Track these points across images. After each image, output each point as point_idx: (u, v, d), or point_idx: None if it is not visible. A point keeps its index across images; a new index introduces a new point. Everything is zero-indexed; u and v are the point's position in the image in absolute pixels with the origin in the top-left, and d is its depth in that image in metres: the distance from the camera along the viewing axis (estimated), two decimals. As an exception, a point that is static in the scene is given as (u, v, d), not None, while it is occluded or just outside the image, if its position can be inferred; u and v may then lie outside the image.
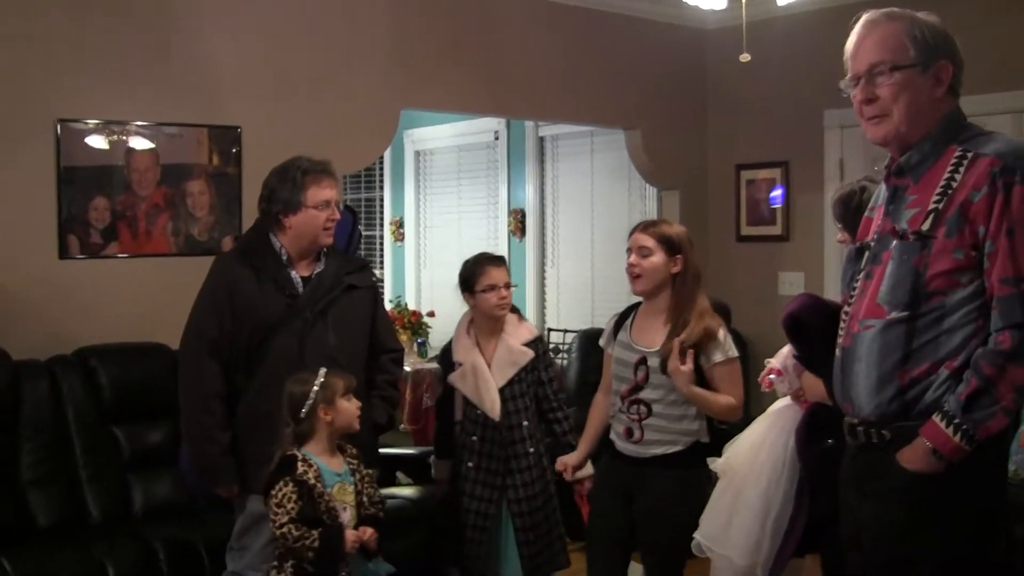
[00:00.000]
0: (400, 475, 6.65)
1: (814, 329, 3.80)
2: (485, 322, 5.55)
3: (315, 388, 4.44)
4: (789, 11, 7.50)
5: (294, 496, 4.31)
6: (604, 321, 5.34)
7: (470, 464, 5.50)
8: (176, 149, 6.37)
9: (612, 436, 4.96)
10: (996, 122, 6.57)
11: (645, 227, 4.92)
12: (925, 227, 3.21)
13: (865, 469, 3.42)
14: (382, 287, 11.26)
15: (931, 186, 3.25)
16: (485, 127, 10.53)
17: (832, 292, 7.97)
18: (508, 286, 5.53)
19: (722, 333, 4.83)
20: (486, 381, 5.44)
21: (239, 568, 4.86)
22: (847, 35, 3.53)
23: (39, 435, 5.54)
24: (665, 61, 8.72)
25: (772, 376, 4.53)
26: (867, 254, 3.43)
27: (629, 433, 4.83)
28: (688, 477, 4.81)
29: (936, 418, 3.16)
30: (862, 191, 4.21)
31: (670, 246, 4.82)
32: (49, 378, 5.67)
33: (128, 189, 6.21)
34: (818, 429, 4.21)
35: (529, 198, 10.27)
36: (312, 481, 4.35)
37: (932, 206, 3.22)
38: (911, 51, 3.31)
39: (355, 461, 4.61)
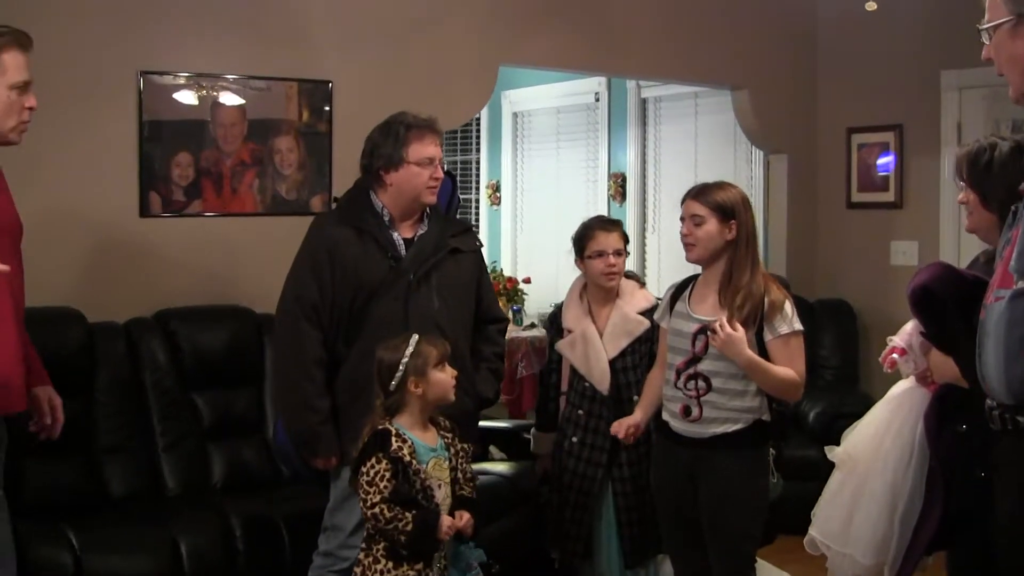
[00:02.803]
0: (493, 449, 6.36)
1: (947, 303, 3.47)
2: (598, 288, 5.29)
3: (405, 358, 4.18)
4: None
5: (388, 474, 4.05)
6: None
7: (574, 439, 5.26)
8: (264, 104, 6.15)
9: (666, 417, 4.68)
10: None
11: (697, 194, 4.68)
12: None
13: (1004, 458, 3.08)
14: (482, 252, 10.96)
15: None
16: (585, 88, 10.27)
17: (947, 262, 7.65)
18: (619, 253, 5.27)
19: (789, 304, 4.57)
20: (597, 350, 5.19)
21: (331, 548, 4.62)
22: None
23: (115, 401, 5.39)
24: (774, 18, 8.38)
25: (895, 356, 4.14)
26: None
27: (687, 411, 4.55)
28: (753, 457, 4.59)
29: None
30: (992, 148, 3.88)
31: (723, 212, 4.56)
32: (127, 341, 5.51)
33: (213, 145, 6.02)
34: (950, 413, 3.86)
35: (630, 162, 9.99)
36: (408, 458, 4.08)
37: None
38: None
39: (449, 434, 4.35)
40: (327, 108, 6.32)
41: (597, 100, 10.23)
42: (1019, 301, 2.90)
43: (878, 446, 4.12)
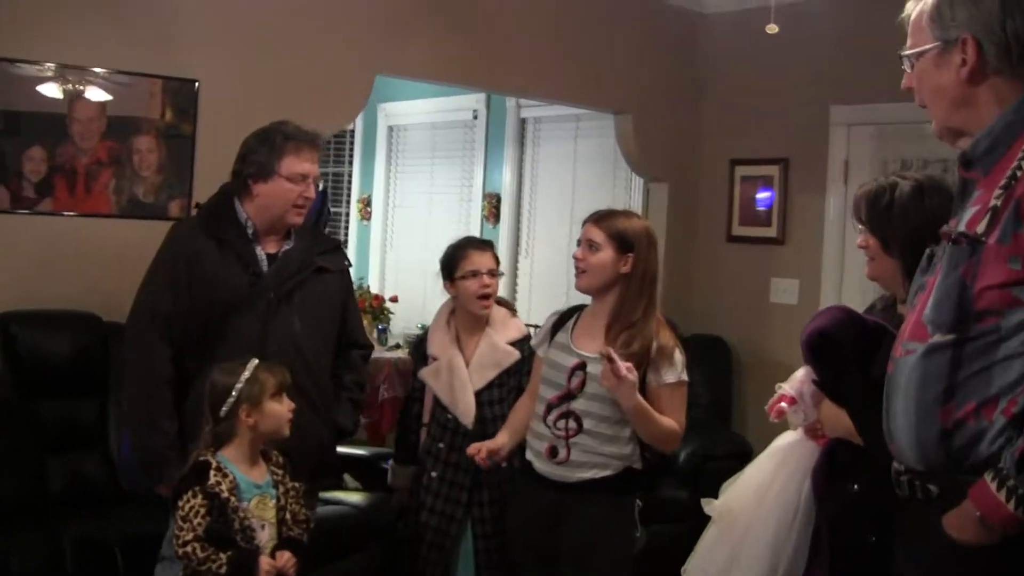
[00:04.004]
0: (348, 478, 6.01)
1: (846, 351, 3.22)
2: (467, 314, 5.00)
3: (240, 383, 3.86)
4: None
5: (203, 510, 3.73)
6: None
7: (434, 474, 4.95)
8: (125, 100, 5.73)
9: (530, 456, 4.40)
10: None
11: (598, 219, 4.39)
12: (980, 229, 2.59)
13: (910, 528, 2.80)
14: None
15: (998, 179, 2.63)
16: (464, 105, 10.02)
17: (827, 303, 7.48)
18: (493, 274, 4.97)
19: (679, 352, 4.31)
20: (462, 381, 4.89)
21: None
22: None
23: (-59, 407, 4.92)
24: (661, 43, 8.16)
25: (783, 404, 3.85)
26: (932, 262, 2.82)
27: (553, 452, 4.27)
28: (619, 505, 4.31)
29: (987, 477, 2.50)
30: (892, 188, 3.65)
31: (622, 242, 4.29)
32: (-40, 343, 5.06)
33: (69, 140, 5.58)
34: (840, 471, 3.59)
35: (506, 183, 9.74)
36: (225, 494, 3.76)
37: (992, 203, 2.59)
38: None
39: (280, 471, 4.02)
40: (192, 109, 5.94)
41: (475, 118, 9.99)
42: (934, 356, 2.61)
43: (760, 501, 3.83)
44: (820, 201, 7.69)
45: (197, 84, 5.93)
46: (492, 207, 9.76)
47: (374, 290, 10.08)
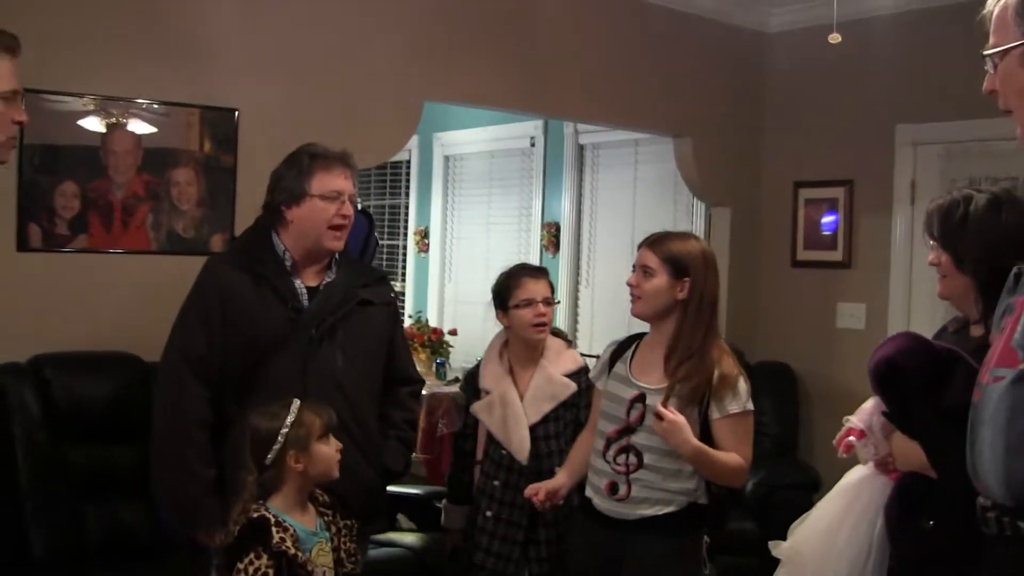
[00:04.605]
0: (402, 518, 5.80)
1: (916, 380, 3.01)
2: (521, 346, 4.81)
3: (285, 427, 3.63)
4: (861, 14, 6.80)
5: (271, 572, 3.47)
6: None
7: (488, 513, 4.75)
8: (162, 131, 5.54)
9: (589, 493, 4.17)
10: None
11: (653, 242, 4.18)
12: None
13: (998, 569, 2.57)
14: (402, 303, 10.47)
15: None
16: (521, 132, 9.84)
17: (895, 327, 7.25)
18: (549, 302, 4.79)
19: (743, 380, 4.08)
20: (516, 416, 4.70)
21: None
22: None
23: (-24, 455, 4.73)
24: (722, 64, 7.94)
25: (852, 439, 3.62)
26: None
27: (613, 488, 4.06)
28: (684, 545, 4.09)
29: None
30: (967, 202, 3.47)
31: (676, 267, 4.08)
32: (-5, 388, 4.88)
33: (103, 174, 5.38)
34: (913, 507, 3.36)
35: (565, 211, 9.55)
36: (292, 551, 3.52)
37: None
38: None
39: (329, 511, 3.80)
40: (232, 139, 5.75)
41: (533, 145, 9.81)
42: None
43: (831, 543, 3.60)
44: (886, 223, 7.48)
45: (237, 113, 5.75)
46: (551, 236, 9.59)
47: (433, 323, 9.95)
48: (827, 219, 7.84)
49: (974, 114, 6.73)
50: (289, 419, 3.64)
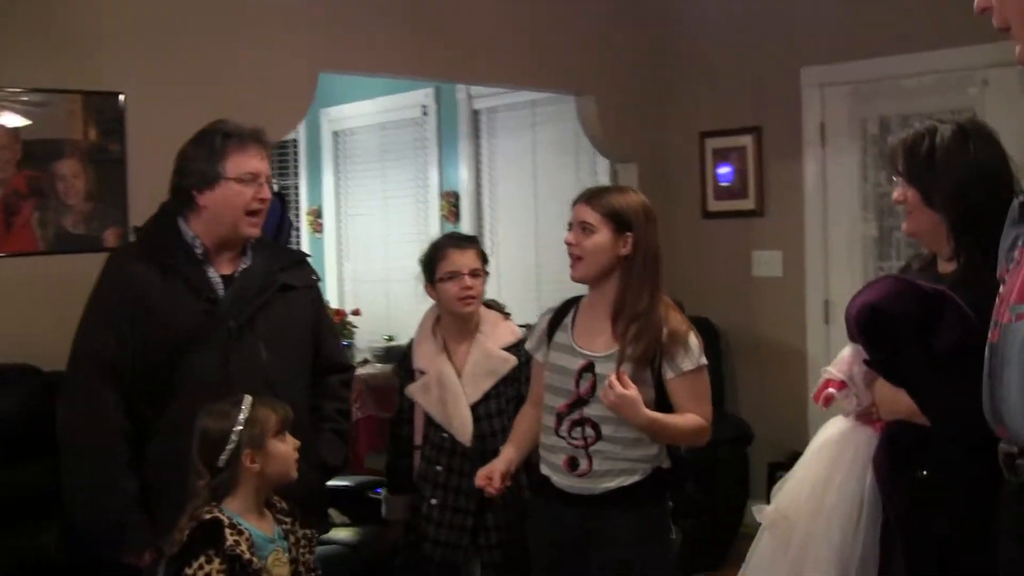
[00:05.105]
0: (333, 512, 5.50)
1: (904, 324, 2.86)
2: (453, 320, 4.55)
3: (239, 426, 3.38)
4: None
5: None
6: (543, 319, 4.32)
7: (433, 501, 4.49)
8: (41, 121, 5.15)
9: (546, 471, 3.97)
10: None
11: (589, 197, 3.97)
12: None
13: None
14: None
15: None
16: (412, 101, 9.58)
17: (813, 273, 7.12)
18: (476, 274, 4.51)
19: (693, 335, 3.89)
20: (455, 395, 4.44)
21: None
22: None
23: None
24: (622, 17, 7.72)
25: (832, 390, 3.44)
26: None
27: (572, 464, 3.87)
28: (653, 516, 3.93)
29: None
30: (932, 134, 3.30)
31: (619, 221, 3.87)
32: None
33: (-23, 174, 5.01)
34: (904, 457, 3.19)
35: (463, 179, 9.31)
36: (247, 555, 3.27)
37: None
38: None
39: (288, 519, 3.56)
40: (119, 126, 5.38)
41: (425, 114, 9.55)
42: None
43: (819, 503, 3.42)
44: (798, 168, 7.36)
45: (122, 97, 5.39)
46: (451, 206, 9.36)
47: (334, 305, 9.66)
48: (723, 170, 7.73)
49: (882, 51, 6.65)
50: (242, 417, 3.40)
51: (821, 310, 7.21)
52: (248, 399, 3.45)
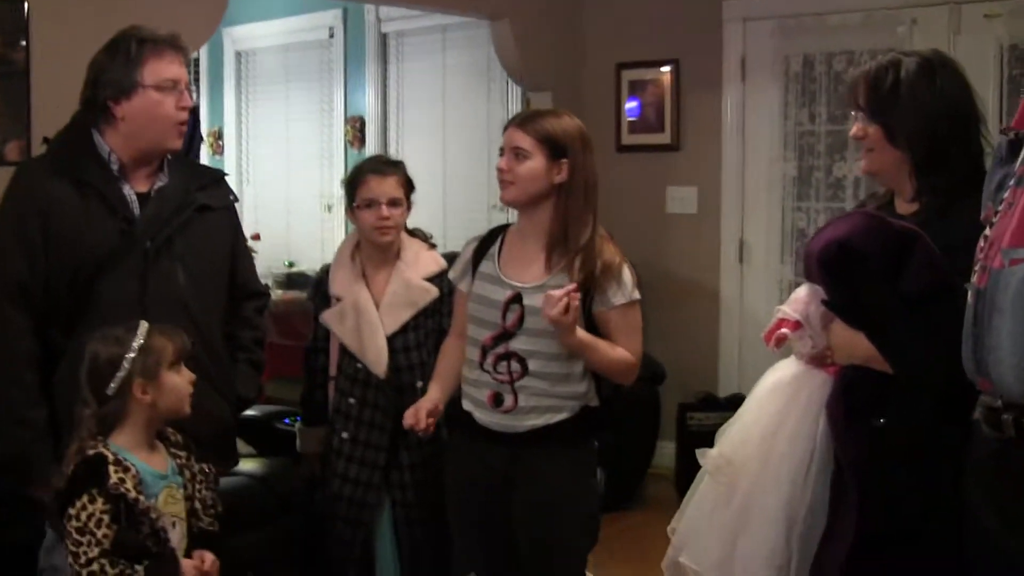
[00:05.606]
0: (240, 443, 5.30)
1: (873, 263, 2.76)
2: (373, 248, 4.32)
3: (131, 352, 3.16)
4: None
5: (106, 518, 3.03)
6: (459, 248, 4.13)
7: (345, 435, 4.30)
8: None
9: (468, 407, 3.79)
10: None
11: (522, 121, 3.75)
12: None
13: (1011, 480, 2.27)
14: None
15: None
16: (318, 23, 9.39)
17: (729, 209, 7.03)
18: (396, 203, 4.29)
19: (627, 268, 3.71)
20: (371, 325, 4.22)
21: None
22: None
23: None
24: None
25: (785, 330, 3.28)
26: None
27: (497, 400, 3.69)
28: (579, 454, 3.77)
29: None
30: (896, 67, 3.13)
31: (553, 147, 3.65)
32: None
33: None
34: (859, 403, 3.05)
35: (370, 104, 9.14)
36: (132, 493, 3.07)
37: None
38: None
39: (183, 453, 3.35)
40: (22, 35, 5.14)
41: (331, 36, 9.35)
42: None
43: (769, 448, 3.24)
44: (716, 102, 7.27)
45: (26, 5, 5.15)
46: (356, 131, 9.19)
47: (233, 230, 9.46)
48: (630, 104, 7.63)
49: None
50: (136, 344, 3.18)
51: (736, 249, 7.14)
52: (144, 325, 3.24)
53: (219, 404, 3.71)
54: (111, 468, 3.06)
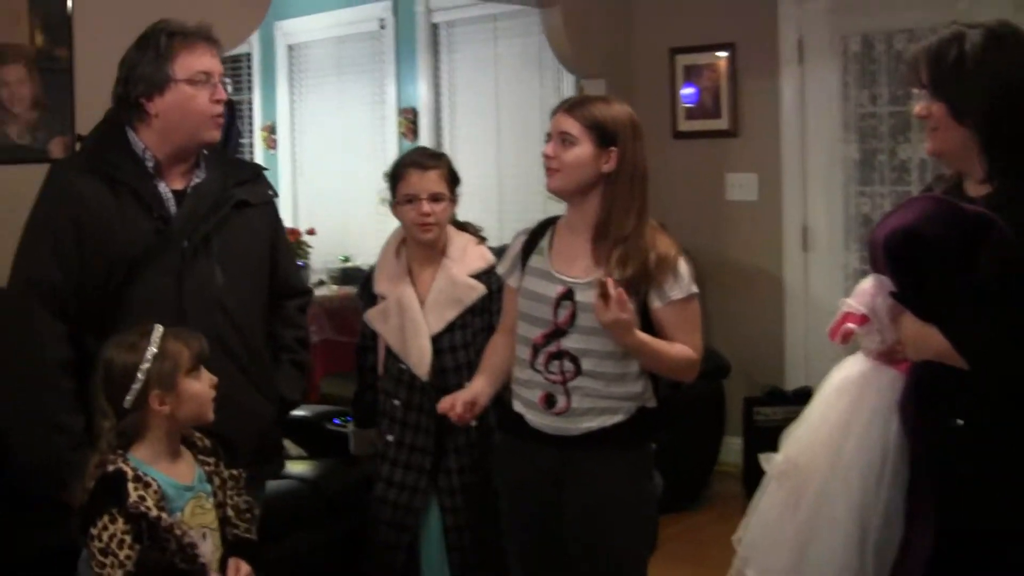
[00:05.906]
0: (289, 444, 5.16)
1: (944, 251, 2.66)
2: (417, 244, 4.18)
3: (146, 362, 3.04)
4: None
5: (127, 538, 2.91)
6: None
7: (389, 438, 4.18)
8: (-16, 25, 4.86)
9: (519, 408, 3.65)
10: None
11: (572, 107, 3.60)
12: None
13: None
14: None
15: None
16: (368, 14, 9.40)
17: (791, 196, 6.86)
18: (437, 198, 4.14)
19: (683, 261, 3.58)
20: (415, 323, 4.10)
21: None
22: None
23: None
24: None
25: (851, 325, 3.12)
26: None
27: (549, 401, 3.54)
28: (635, 458, 3.62)
29: None
30: (960, 40, 2.96)
31: (602, 134, 3.51)
32: None
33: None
34: (934, 401, 2.90)
35: (422, 95, 9.12)
36: (154, 512, 2.94)
37: None
38: None
39: (211, 459, 3.23)
40: (66, 31, 5.10)
41: (382, 27, 9.34)
42: None
43: (837, 452, 3.10)
44: (774, 86, 7.10)
45: (70, 2, 5.11)
46: (409, 123, 9.17)
47: (288, 224, 9.35)
48: (687, 91, 7.47)
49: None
50: (150, 351, 3.06)
51: (799, 236, 6.97)
52: (159, 330, 3.11)
53: (261, 404, 3.62)
54: (131, 486, 2.95)
